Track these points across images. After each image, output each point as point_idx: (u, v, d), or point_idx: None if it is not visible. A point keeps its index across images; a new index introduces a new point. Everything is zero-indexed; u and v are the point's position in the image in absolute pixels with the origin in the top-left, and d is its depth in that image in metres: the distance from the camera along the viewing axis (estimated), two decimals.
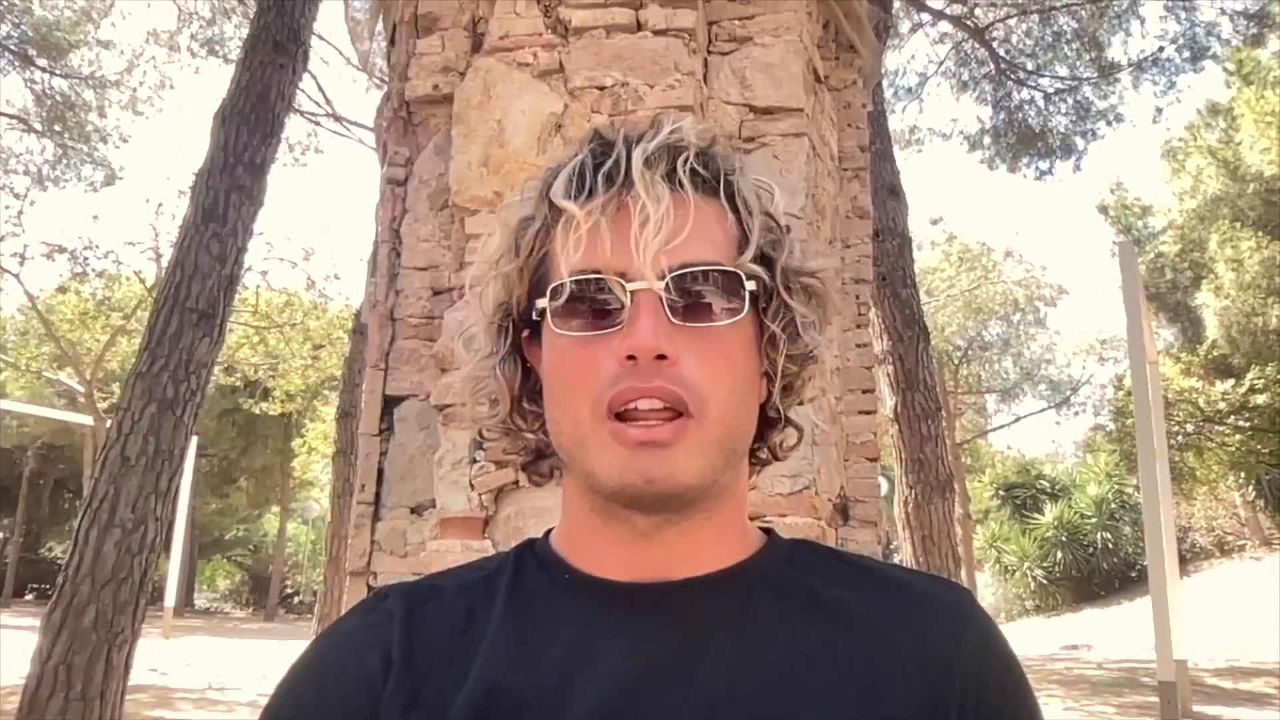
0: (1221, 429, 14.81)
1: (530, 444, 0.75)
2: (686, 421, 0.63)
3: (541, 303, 0.67)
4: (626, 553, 0.68)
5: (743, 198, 0.69)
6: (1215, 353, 15.04)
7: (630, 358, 0.63)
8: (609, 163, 0.66)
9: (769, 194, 0.72)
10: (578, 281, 0.65)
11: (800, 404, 0.76)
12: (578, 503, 0.71)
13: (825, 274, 0.74)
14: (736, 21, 2.79)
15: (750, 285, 0.67)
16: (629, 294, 0.64)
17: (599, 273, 0.65)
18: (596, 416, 0.64)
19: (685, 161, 0.67)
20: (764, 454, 0.76)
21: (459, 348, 0.79)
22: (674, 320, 0.64)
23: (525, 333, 0.73)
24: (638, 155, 0.66)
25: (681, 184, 0.66)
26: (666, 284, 0.64)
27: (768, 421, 0.74)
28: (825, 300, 0.73)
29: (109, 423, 6.12)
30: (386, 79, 3.82)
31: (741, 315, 0.66)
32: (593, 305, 0.65)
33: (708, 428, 0.64)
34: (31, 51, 16.47)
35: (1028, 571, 17.78)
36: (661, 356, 0.63)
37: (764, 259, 0.69)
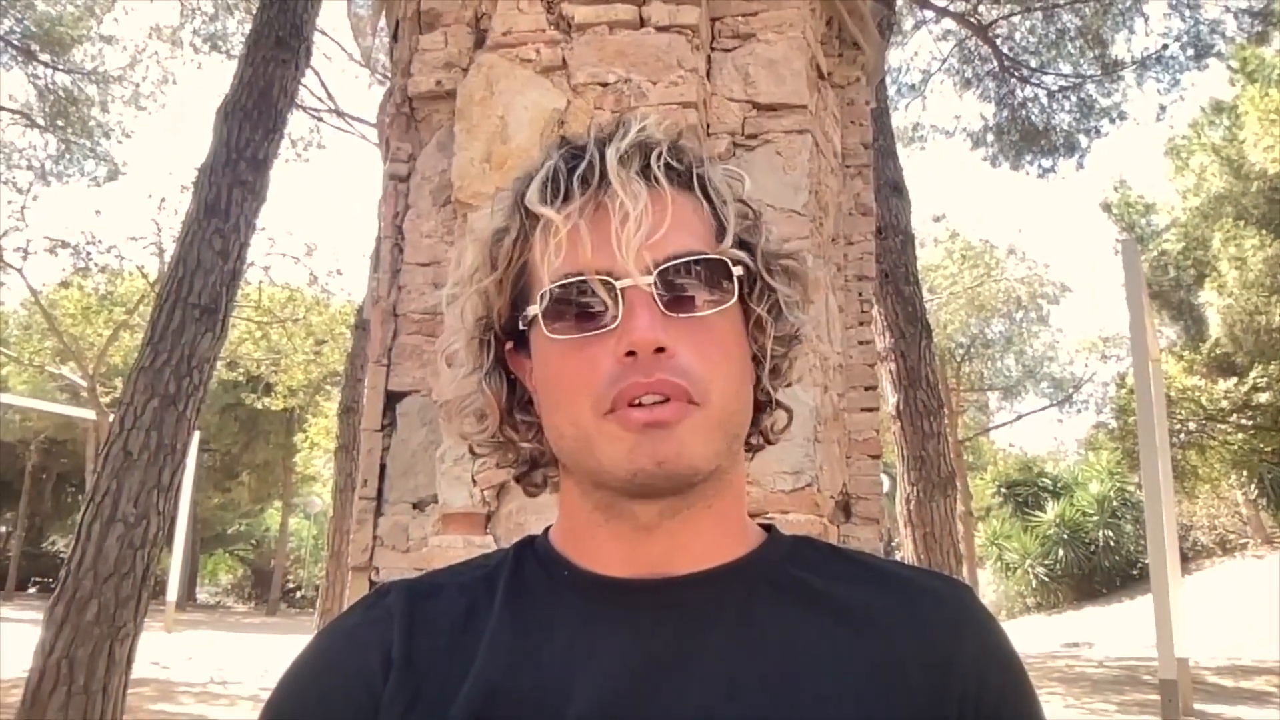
0: (1224, 427, 14.79)
1: (524, 454, 0.75)
2: (689, 407, 0.63)
3: (532, 309, 0.68)
4: (628, 548, 0.68)
5: (714, 187, 0.70)
6: (1218, 351, 15.01)
7: (630, 354, 0.63)
8: (583, 165, 0.67)
9: (739, 182, 0.73)
10: (563, 286, 0.65)
11: (788, 385, 0.77)
12: (578, 502, 0.71)
13: (801, 254, 0.75)
14: (740, 18, 2.79)
15: (737, 271, 0.68)
16: (619, 292, 0.64)
17: (583, 275, 0.65)
18: (599, 414, 0.64)
19: (659, 157, 0.67)
20: (755, 440, 0.76)
21: (441, 365, 0.78)
22: (666, 313, 0.64)
23: (509, 345, 0.73)
24: (611, 154, 0.66)
25: (657, 179, 0.66)
26: (655, 278, 0.64)
27: (757, 405, 0.74)
28: (804, 279, 0.74)
29: (111, 417, 6.12)
30: (389, 75, 3.82)
31: (731, 302, 0.67)
32: (582, 308, 0.66)
33: (711, 413, 0.64)
34: (34, 47, 16.46)
35: (1029, 569, 17.77)
36: (660, 349, 0.63)
37: (743, 245, 0.70)
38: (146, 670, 9.64)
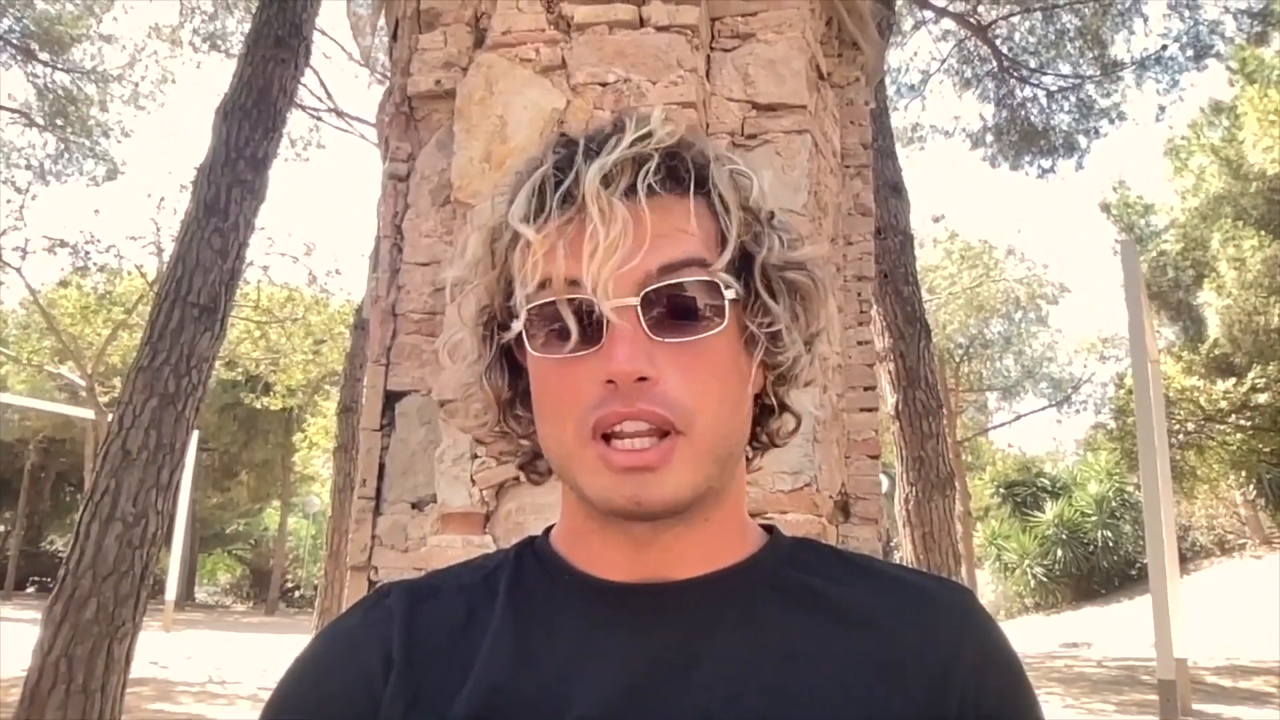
0: (1223, 428, 14.80)
1: (527, 445, 0.75)
2: (675, 439, 0.62)
3: (516, 325, 0.66)
4: (625, 555, 0.68)
5: (719, 193, 0.66)
6: (1217, 351, 15.02)
7: (611, 381, 0.61)
8: (568, 180, 0.63)
9: (748, 181, 0.69)
10: (539, 306, 0.64)
11: (797, 388, 0.74)
12: (575, 506, 0.70)
13: (813, 262, 0.71)
14: (739, 18, 2.79)
15: (729, 294, 0.65)
16: (604, 315, 0.62)
17: (561, 295, 0.63)
18: (581, 438, 0.63)
19: (646, 175, 0.63)
20: (764, 439, 0.75)
21: (444, 355, 0.76)
22: (653, 337, 0.62)
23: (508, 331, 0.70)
24: (593, 173, 0.62)
25: (643, 197, 0.63)
26: (641, 301, 0.62)
27: (763, 409, 0.73)
28: (810, 292, 0.70)
29: (110, 417, 6.11)
30: (388, 74, 3.82)
31: (721, 327, 0.64)
32: (565, 328, 0.63)
33: (697, 441, 0.63)
34: (34, 46, 16.45)
35: (1028, 569, 17.78)
36: (643, 378, 0.61)
37: (744, 255, 0.67)
38: (145, 669, 9.63)
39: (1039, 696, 0.71)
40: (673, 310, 0.63)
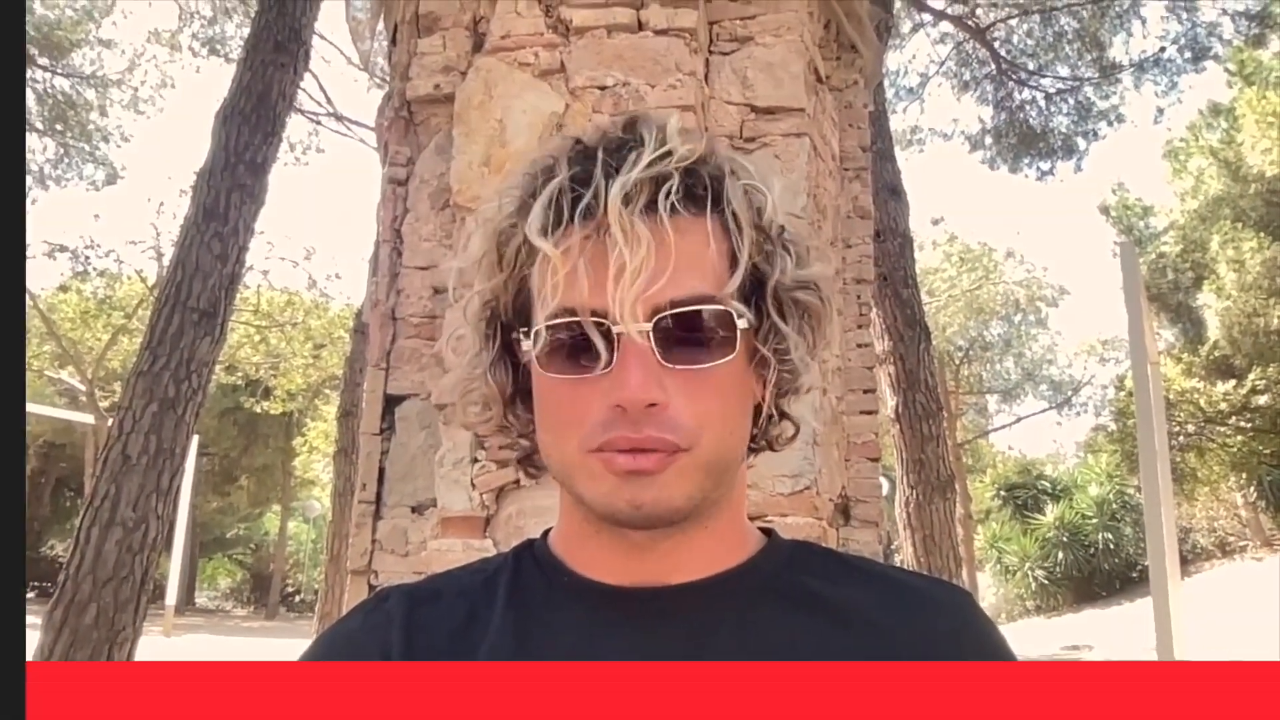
0: (1223, 430, 14.79)
1: (525, 444, 0.74)
2: (677, 454, 0.62)
3: (527, 345, 0.66)
4: (623, 560, 0.68)
5: (732, 210, 0.65)
6: (1217, 353, 15.00)
7: (620, 405, 0.61)
8: (587, 196, 0.63)
9: (762, 195, 0.68)
10: (554, 326, 0.63)
11: (798, 399, 0.75)
12: (573, 510, 0.70)
13: (823, 280, 0.71)
14: (738, 21, 2.79)
15: (741, 324, 0.65)
16: (616, 338, 0.62)
17: (578, 315, 0.62)
18: (584, 450, 0.63)
19: (668, 194, 0.63)
20: (762, 444, 0.75)
21: (447, 351, 0.76)
22: (663, 363, 0.62)
23: (514, 333, 0.70)
24: (615, 192, 0.61)
25: (663, 219, 0.62)
26: (653, 327, 0.62)
27: (765, 417, 0.73)
28: (818, 312, 0.71)
29: (110, 421, 6.12)
30: (388, 78, 3.82)
31: (732, 356, 0.64)
32: (576, 347, 0.63)
33: (699, 456, 0.63)
34: (33, 51, 16.47)
35: (1029, 572, 17.75)
36: (652, 404, 0.61)
37: (756, 276, 0.67)
38: None
39: None
40: (684, 337, 0.63)
